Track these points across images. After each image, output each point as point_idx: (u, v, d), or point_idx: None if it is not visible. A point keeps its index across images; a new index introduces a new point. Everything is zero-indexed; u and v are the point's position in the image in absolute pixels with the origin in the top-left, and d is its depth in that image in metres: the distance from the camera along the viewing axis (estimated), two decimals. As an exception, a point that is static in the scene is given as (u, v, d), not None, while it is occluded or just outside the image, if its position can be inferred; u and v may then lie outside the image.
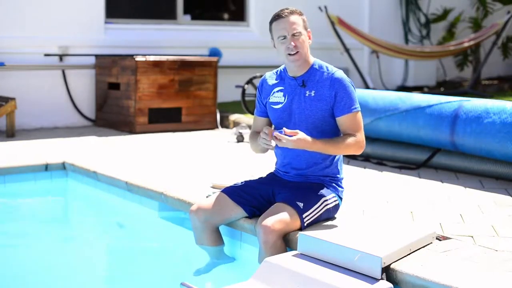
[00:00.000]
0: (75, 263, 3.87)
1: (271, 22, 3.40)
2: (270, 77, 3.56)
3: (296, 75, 3.43)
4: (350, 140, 3.32)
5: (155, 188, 4.35)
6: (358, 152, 3.36)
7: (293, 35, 3.32)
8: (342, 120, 3.35)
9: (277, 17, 3.37)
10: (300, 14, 3.38)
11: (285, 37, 3.33)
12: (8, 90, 7.36)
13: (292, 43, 3.31)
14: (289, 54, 3.34)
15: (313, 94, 3.37)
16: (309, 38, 3.40)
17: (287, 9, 3.38)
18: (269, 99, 3.50)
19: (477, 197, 4.25)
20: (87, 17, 7.88)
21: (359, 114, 3.37)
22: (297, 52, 3.33)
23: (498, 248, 3.15)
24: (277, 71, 3.55)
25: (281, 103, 3.44)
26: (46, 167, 5.32)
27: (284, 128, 3.22)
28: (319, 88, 3.37)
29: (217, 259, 3.52)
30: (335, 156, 3.47)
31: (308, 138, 3.21)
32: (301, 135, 3.19)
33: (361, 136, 3.35)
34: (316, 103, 3.36)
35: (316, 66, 3.42)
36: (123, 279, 3.64)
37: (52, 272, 3.69)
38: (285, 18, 3.33)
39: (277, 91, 3.48)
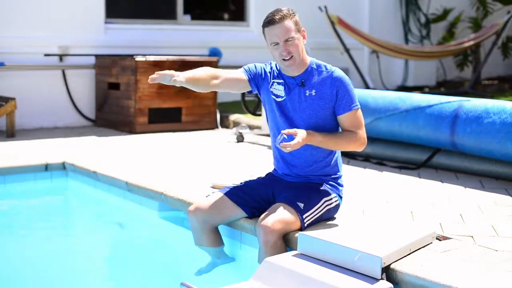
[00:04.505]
0: (75, 263, 3.87)
1: (263, 26, 3.33)
2: (274, 68, 3.48)
3: (293, 75, 3.41)
4: (351, 136, 3.33)
5: (155, 188, 4.35)
6: (360, 149, 3.37)
7: (286, 40, 3.26)
8: (343, 118, 3.35)
9: (268, 23, 3.29)
10: (292, 16, 3.29)
11: (277, 44, 3.28)
12: (8, 90, 7.36)
13: (285, 49, 3.27)
14: (284, 60, 3.30)
15: (314, 94, 3.36)
16: (304, 38, 3.35)
17: (279, 12, 3.28)
18: (270, 86, 3.45)
19: (477, 197, 4.25)
20: (87, 17, 7.88)
21: (359, 112, 3.38)
22: (292, 56, 3.30)
23: (498, 248, 3.15)
24: (278, 68, 3.46)
25: (282, 97, 3.42)
26: (46, 167, 5.32)
27: (282, 132, 3.20)
28: (320, 87, 3.36)
29: (217, 259, 3.52)
30: (334, 154, 3.47)
31: (308, 132, 3.22)
32: (300, 132, 3.18)
33: (362, 133, 3.36)
34: (318, 102, 3.36)
35: (314, 66, 3.40)
36: (123, 279, 3.63)
37: (52, 272, 3.68)
38: (276, 24, 3.25)
39: (278, 83, 3.43)
